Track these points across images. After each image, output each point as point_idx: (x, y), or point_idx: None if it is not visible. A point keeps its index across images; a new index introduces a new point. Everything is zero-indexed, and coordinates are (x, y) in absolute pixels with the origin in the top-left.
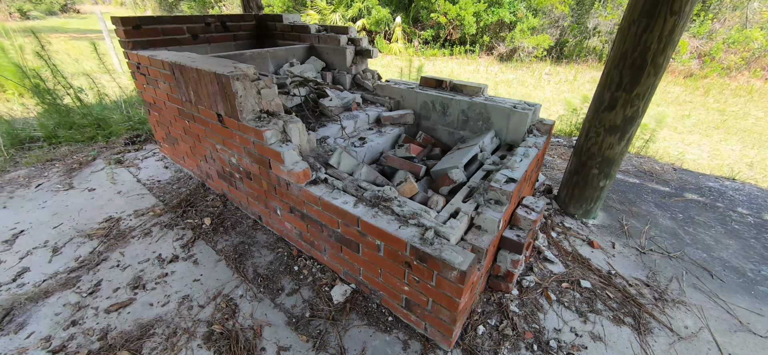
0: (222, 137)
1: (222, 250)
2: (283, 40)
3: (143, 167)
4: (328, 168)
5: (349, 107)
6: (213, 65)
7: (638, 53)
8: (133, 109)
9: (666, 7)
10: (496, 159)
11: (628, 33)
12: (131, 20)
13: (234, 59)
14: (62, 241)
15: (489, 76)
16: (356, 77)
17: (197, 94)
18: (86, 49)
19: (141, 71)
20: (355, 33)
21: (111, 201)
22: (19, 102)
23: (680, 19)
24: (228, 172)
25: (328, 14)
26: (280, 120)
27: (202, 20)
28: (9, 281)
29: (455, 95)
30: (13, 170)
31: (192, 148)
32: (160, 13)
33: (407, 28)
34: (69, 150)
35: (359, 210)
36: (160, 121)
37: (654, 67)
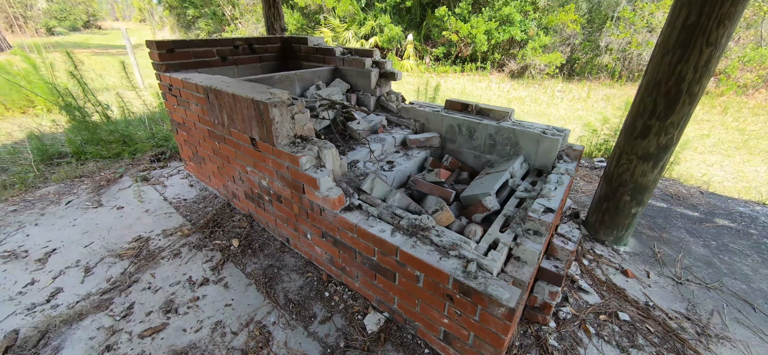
0: (253, 160)
1: (251, 273)
2: (308, 62)
3: (169, 185)
4: (360, 194)
5: (375, 130)
6: (249, 91)
7: (673, 83)
8: (156, 126)
9: (702, 39)
10: (527, 185)
11: (661, 62)
12: (165, 44)
13: (264, 82)
14: (94, 260)
15: (501, 93)
16: (380, 99)
17: (231, 118)
18: (108, 64)
19: (172, 92)
20: (378, 56)
21: (139, 220)
22: (48, 118)
23: (716, 50)
24: (257, 194)
25: (341, 32)
26: (314, 146)
27: (231, 43)
28: (43, 302)
29: (482, 119)
30: (44, 186)
31: (220, 168)
32: (178, 30)
33: (418, 46)
34: (96, 166)
35: (397, 239)
36: (187, 141)
37: (689, 96)
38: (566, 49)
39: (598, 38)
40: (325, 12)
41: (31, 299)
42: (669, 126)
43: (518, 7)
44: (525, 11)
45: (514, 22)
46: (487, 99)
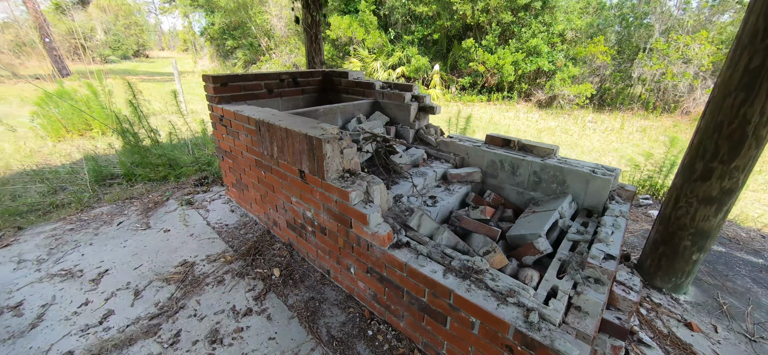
0: (300, 191)
1: (293, 306)
2: (347, 95)
3: (211, 210)
4: (407, 230)
5: (417, 164)
6: (301, 126)
7: (737, 125)
8: (198, 150)
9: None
10: (579, 227)
11: (722, 104)
12: (220, 78)
13: (309, 115)
14: (142, 284)
15: (529, 123)
16: (419, 132)
17: (281, 150)
18: (154, 90)
19: (223, 123)
20: (417, 90)
21: (184, 244)
22: (103, 141)
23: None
24: (299, 224)
25: (369, 62)
26: (363, 181)
27: (278, 77)
28: (96, 324)
29: (525, 156)
30: (98, 206)
31: (263, 196)
32: (217, 59)
33: (445, 75)
34: (145, 188)
35: (450, 282)
36: (232, 168)
37: (756, 139)
38: (596, 79)
39: (630, 69)
40: (355, 43)
41: (84, 320)
42: (733, 170)
43: (545, 39)
44: (552, 43)
45: (541, 54)
46: (515, 129)
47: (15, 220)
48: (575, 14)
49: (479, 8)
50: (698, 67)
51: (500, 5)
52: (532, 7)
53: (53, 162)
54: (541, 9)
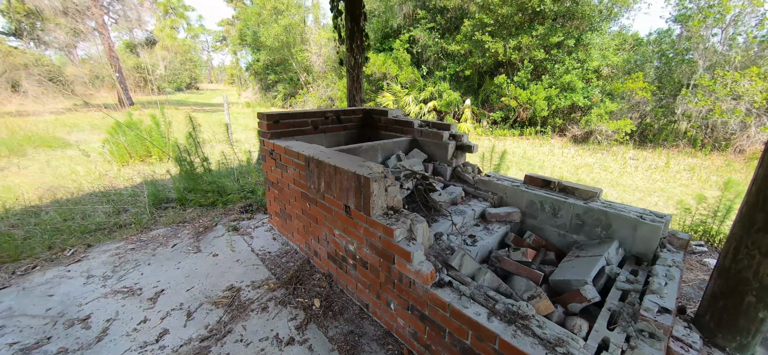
0: (343, 225)
1: (333, 338)
2: (386, 132)
3: (255, 237)
4: (449, 269)
5: (455, 201)
6: (349, 164)
7: None
8: (242, 178)
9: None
10: (628, 275)
11: None
12: (274, 116)
13: (352, 152)
14: (194, 305)
15: (565, 159)
16: (456, 170)
17: (328, 185)
18: (203, 119)
19: (273, 156)
20: (455, 129)
21: (231, 269)
22: (161, 167)
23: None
24: (341, 256)
25: (402, 96)
26: (407, 219)
27: (323, 115)
28: (153, 342)
29: (567, 198)
30: (155, 228)
31: (305, 227)
32: (260, 91)
33: (476, 110)
34: (196, 213)
35: (495, 326)
36: (277, 198)
37: None
38: (635, 115)
39: (673, 105)
40: (389, 78)
41: (143, 337)
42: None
43: (579, 75)
44: (587, 79)
45: (575, 89)
46: (551, 164)
47: (85, 237)
48: (610, 51)
49: (511, 46)
50: (750, 104)
51: (532, 43)
52: (565, 45)
53: (118, 185)
54: (575, 46)
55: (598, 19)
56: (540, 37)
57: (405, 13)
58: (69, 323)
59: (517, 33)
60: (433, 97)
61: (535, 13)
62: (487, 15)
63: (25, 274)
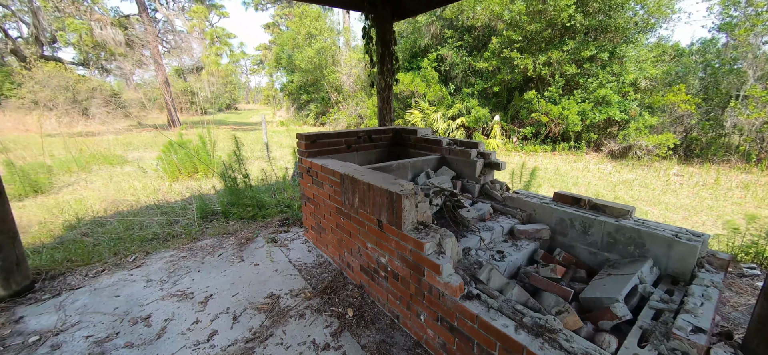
0: (376, 239)
1: (366, 346)
2: (415, 150)
3: (292, 248)
4: (477, 283)
5: (483, 218)
6: (382, 182)
7: None
8: (279, 193)
9: None
10: (662, 294)
11: None
12: (311, 136)
13: (384, 170)
14: (239, 310)
15: (601, 175)
16: (485, 187)
17: (362, 201)
18: (241, 137)
19: (310, 173)
20: (483, 147)
21: (271, 278)
22: (206, 182)
23: None
24: (373, 268)
25: (430, 114)
26: (437, 234)
27: (356, 135)
28: (204, 341)
29: (598, 215)
30: (203, 239)
31: (340, 240)
32: (293, 110)
33: (505, 126)
34: (238, 226)
35: (523, 338)
36: (313, 213)
37: None
38: (679, 128)
39: (721, 117)
40: (417, 96)
41: (196, 337)
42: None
43: (615, 89)
44: (623, 92)
45: (611, 103)
46: (585, 181)
47: (144, 245)
48: (648, 63)
49: (541, 62)
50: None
51: (563, 58)
52: (599, 58)
53: (170, 199)
54: (609, 59)
55: (633, 31)
56: (571, 52)
57: (432, 32)
58: (133, 320)
59: (546, 48)
60: (461, 113)
61: (565, 29)
62: (515, 32)
63: (95, 276)
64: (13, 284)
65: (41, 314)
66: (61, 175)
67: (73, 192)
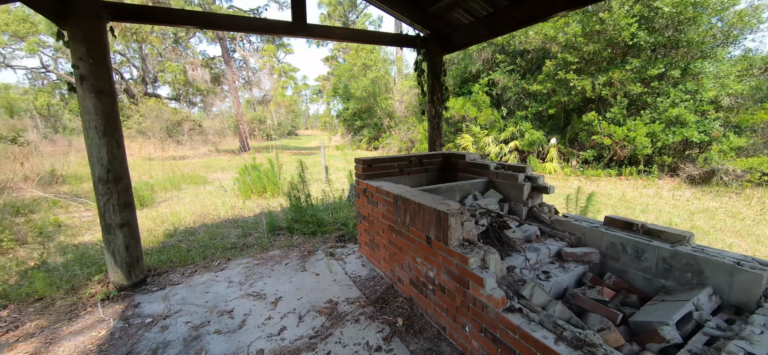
0: (425, 254)
1: (414, 352)
2: (463, 174)
3: (348, 262)
4: (520, 299)
5: (530, 239)
6: (431, 202)
7: None
8: (336, 212)
9: None
10: (720, 323)
11: None
12: (368, 161)
13: (433, 192)
14: (303, 311)
15: (677, 203)
16: (532, 210)
17: (412, 219)
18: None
19: (365, 194)
20: (531, 171)
21: (330, 286)
22: (274, 201)
23: None
24: (421, 282)
25: (481, 137)
26: (481, 250)
27: (408, 160)
28: (276, 334)
29: (651, 240)
30: (272, 250)
31: (391, 255)
32: (348, 135)
33: (563, 149)
34: (301, 240)
35: (561, 349)
36: (367, 230)
37: None
38: None
39: None
40: (468, 120)
41: (268, 330)
42: None
43: (691, 108)
44: (702, 111)
45: (687, 124)
46: (656, 209)
47: (225, 252)
48: (732, 78)
49: (601, 82)
50: None
51: (627, 77)
52: (669, 76)
53: (244, 214)
54: (681, 76)
55: (710, 45)
56: (635, 71)
57: (483, 58)
58: (220, 313)
59: (607, 68)
60: (514, 136)
61: (627, 47)
62: (570, 54)
63: (189, 275)
64: (133, 276)
65: (152, 302)
66: (160, 192)
67: (169, 206)
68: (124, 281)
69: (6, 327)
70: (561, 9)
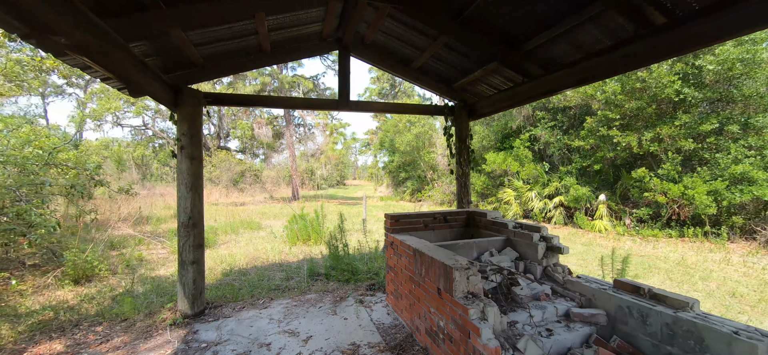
0: (436, 304)
1: None
2: (486, 231)
3: (374, 310)
4: (515, 351)
5: (538, 297)
6: (441, 256)
7: None
8: (370, 262)
9: None
10: None
11: None
12: (395, 216)
13: (451, 248)
14: (329, 350)
15: (748, 270)
16: (547, 269)
17: (427, 271)
18: (345, 211)
19: (392, 247)
20: (546, 232)
21: (355, 331)
22: (315, 248)
23: None
24: (434, 331)
25: (524, 192)
26: (481, 302)
27: (432, 216)
28: None
29: (655, 305)
30: (308, 293)
31: (411, 304)
32: (392, 187)
33: (614, 206)
34: (335, 286)
35: None
36: (393, 280)
37: None
38: None
39: None
40: (510, 175)
41: None
42: None
43: (759, 164)
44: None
45: (756, 181)
46: (720, 276)
47: (270, 293)
48: None
49: (647, 138)
50: None
51: (676, 133)
52: (727, 132)
53: (289, 259)
54: (742, 131)
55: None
56: (686, 127)
57: (524, 115)
58: (260, 345)
59: (654, 124)
60: (559, 192)
61: (674, 103)
62: (612, 111)
63: (239, 310)
64: (195, 307)
65: (208, 331)
66: (221, 235)
67: (227, 249)
68: (189, 311)
69: (100, 340)
70: (571, 86)
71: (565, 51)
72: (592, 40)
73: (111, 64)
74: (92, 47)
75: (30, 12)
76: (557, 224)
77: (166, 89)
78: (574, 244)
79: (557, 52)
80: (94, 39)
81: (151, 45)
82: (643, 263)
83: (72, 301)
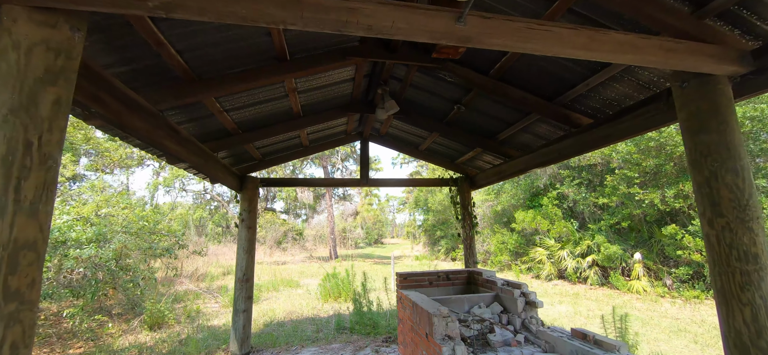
0: (425, 346)
1: None
2: (482, 288)
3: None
4: None
5: (509, 343)
6: (429, 307)
7: None
8: (390, 319)
9: None
10: None
11: None
12: (404, 274)
13: (444, 303)
14: None
15: None
16: (525, 321)
17: (420, 320)
18: (379, 270)
19: (401, 301)
20: (526, 289)
21: None
22: (344, 304)
23: None
24: None
25: (555, 251)
26: (452, 343)
27: (436, 275)
28: None
29: (593, 348)
30: (334, 344)
31: (412, 351)
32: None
33: (652, 265)
34: (357, 338)
35: None
36: (402, 331)
37: None
38: None
39: None
40: (541, 233)
41: None
42: None
43: None
44: None
45: None
46: None
47: (302, 342)
48: None
49: (671, 195)
50: None
51: None
52: (757, 186)
53: (320, 314)
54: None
55: None
56: None
57: (549, 173)
58: None
59: (677, 179)
60: (592, 250)
61: None
62: (630, 169)
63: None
64: (243, 349)
65: None
66: (264, 292)
67: (268, 303)
68: (238, 351)
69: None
70: (539, 166)
71: (531, 139)
72: (547, 132)
73: (207, 171)
74: (201, 166)
75: (171, 152)
76: (593, 284)
77: (235, 178)
78: (606, 306)
79: (525, 139)
80: (203, 161)
81: (229, 152)
82: (673, 325)
83: (150, 342)
